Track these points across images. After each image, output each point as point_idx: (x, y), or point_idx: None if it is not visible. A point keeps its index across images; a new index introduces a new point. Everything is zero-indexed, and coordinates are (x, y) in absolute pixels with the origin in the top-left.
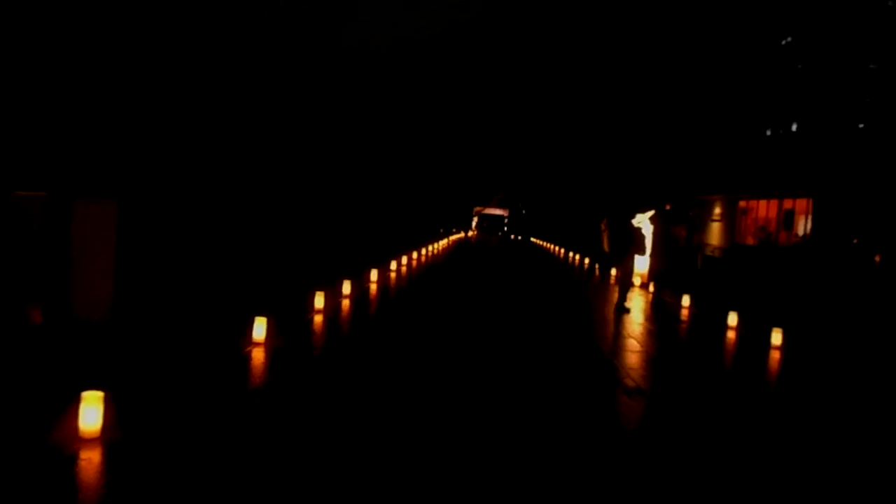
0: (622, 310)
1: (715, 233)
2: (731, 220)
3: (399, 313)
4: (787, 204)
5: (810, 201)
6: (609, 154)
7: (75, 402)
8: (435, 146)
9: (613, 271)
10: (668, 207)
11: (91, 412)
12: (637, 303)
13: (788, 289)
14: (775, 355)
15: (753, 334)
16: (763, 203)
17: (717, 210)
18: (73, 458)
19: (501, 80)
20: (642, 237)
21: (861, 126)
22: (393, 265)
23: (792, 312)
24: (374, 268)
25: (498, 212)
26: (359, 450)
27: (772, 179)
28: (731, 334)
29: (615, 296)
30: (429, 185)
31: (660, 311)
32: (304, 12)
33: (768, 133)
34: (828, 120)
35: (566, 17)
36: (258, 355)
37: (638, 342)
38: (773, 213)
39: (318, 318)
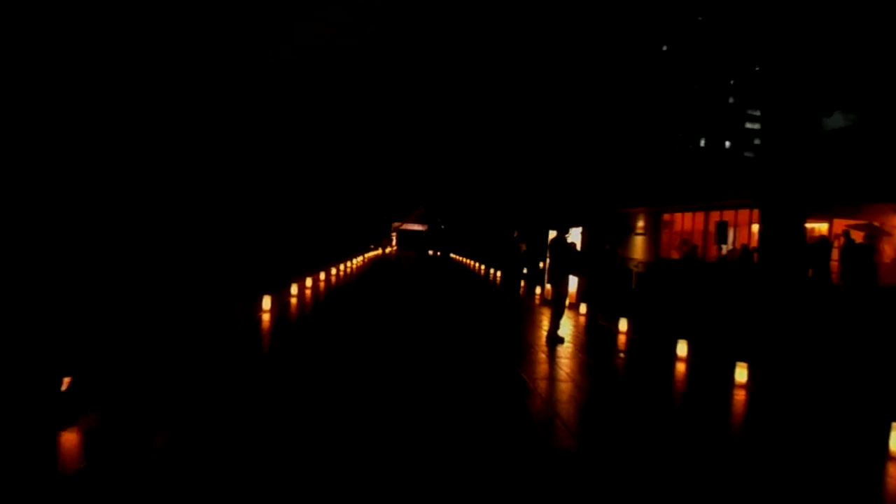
0: (555, 339)
1: (638, 247)
2: (656, 234)
3: (294, 355)
4: (720, 216)
5: (744, 212)
6: (528, 168)
7: None
8: (350, 160)
9: (538, 290)
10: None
11: None
12: (569, 328)
13: (721, 307)
14: (740, 396)
15: (707, 368)
16: (689, 216)
17: (641, 223)
18: None
19: (416, 93)
20: (579, 256)
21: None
22: (294, 290)
23: (732, 335)
24: (269, 294)
25: (417, 227)
26: None
27: (705, 189)
28: (681, 367)
29: (543, 319)
30: (343, 200)
31: (597, 339)
32: (201, 23)
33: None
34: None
35: (478, 29)
36: None
37: (575, 383)
38: (699, 225)
39: None
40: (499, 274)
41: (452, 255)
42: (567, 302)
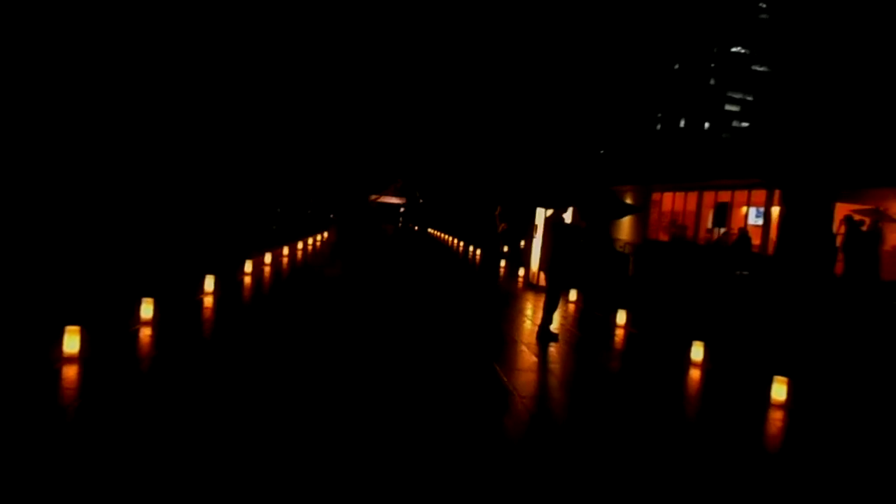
0: (548, 336)
1: (625, 227)
2: (644, 214)
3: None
4: (715, 196)
5: (741, 194)
6: (511, 142)
7: None
8: (327, 131)
9: (521, 272)
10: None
11: None
12: (558, 321)
13: (729, 297)
14: (776, 418)
15: (732, 380)
16: (680, 195)
17: (628, 202)
18: None
19: (396, 62)
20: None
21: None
22: (248, 268)
23: (751, 336)
24: (213, 275)
25: (394, 201)
26: None
27: (701, 167)
28: (696, 375)
29: (527, 306)
30: (319, 171)
31: (594, 336)
32: None
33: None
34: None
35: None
36: None
37: (575, 397)
38: (690, 205)
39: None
40: (478, 252)
41: (430, 231)
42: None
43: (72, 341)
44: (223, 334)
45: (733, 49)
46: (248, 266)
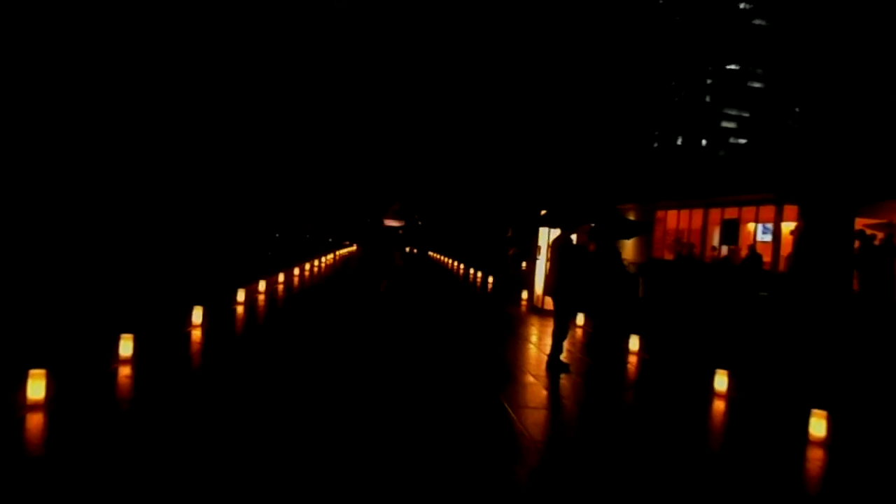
0: (558, 366)
1: (628, 246)
2: (648, 233)
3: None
4: (722, 213)
5: (749, 210)
6: (513, 162)
7: None
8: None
9: (524, 294)
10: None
11: None
12: (566, 347)
13: (743, 321)
14: (816, 457)
15: (754, 407)
16: (685, 213)
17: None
18: None
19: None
20: (591, 261)
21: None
22: (241, 296)
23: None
24: (201, 306)
25: (393, 223)
26: None
27: (708, 184)
28: (720, 406)
29: (532, 332)
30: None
31: (608, 364)
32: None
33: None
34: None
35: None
36: None
37: (591, 438)
38: (696, 223)
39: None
40: (479, 275)
41: (430, 254)
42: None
43: (36, 386)
44: (210, 371)
45: (728, 66)
46: (241, 295)
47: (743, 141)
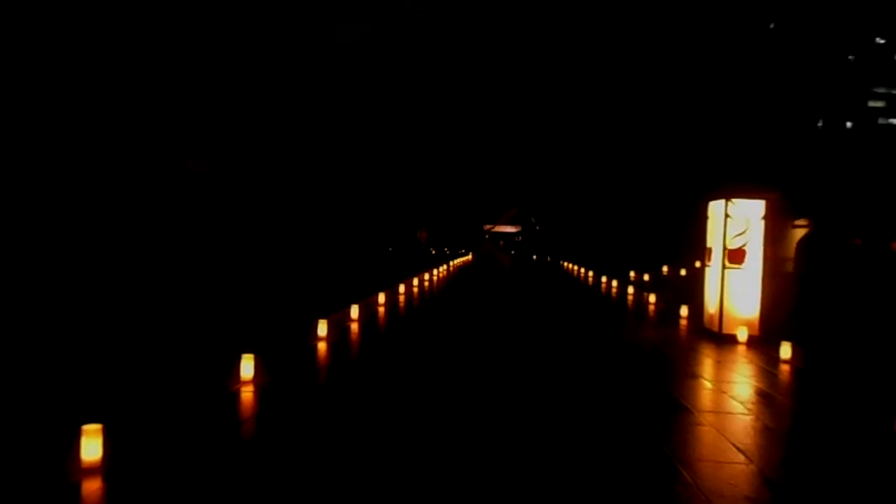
0: None
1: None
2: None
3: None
4: None
5: None
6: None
7: None
8: (434, 159)
9: (684, 311)
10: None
11: None
12: (748, 389)
13: None
14: None
15: None
16: None
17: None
18: None
19: (496, 83)
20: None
21: None
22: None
23: None
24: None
25: (509, 229)
26: None
27: None
28: None
29: (705, 360)
30: (433, 202)
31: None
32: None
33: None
34: None
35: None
36: None
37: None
38: None
39: None
40: (613, 283)
41: (550, 260)
42: (744, 335)
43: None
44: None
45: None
46: (355, 311)
47: (894, 121)
